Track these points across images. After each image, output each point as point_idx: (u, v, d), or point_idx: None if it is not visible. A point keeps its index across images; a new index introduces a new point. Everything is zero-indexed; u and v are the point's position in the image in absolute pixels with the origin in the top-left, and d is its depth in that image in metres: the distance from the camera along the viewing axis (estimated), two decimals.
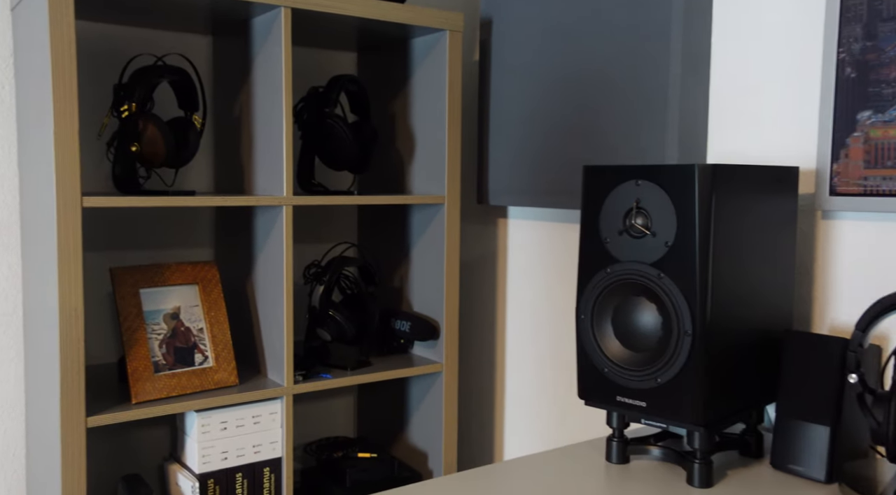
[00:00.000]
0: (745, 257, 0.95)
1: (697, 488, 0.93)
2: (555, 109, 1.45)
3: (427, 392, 1.57)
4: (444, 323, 1.51)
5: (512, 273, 1.66)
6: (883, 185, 1.00)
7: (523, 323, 1.64)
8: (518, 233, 1.64)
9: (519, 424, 1.66)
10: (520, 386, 1.65)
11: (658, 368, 0.92)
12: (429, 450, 1.56)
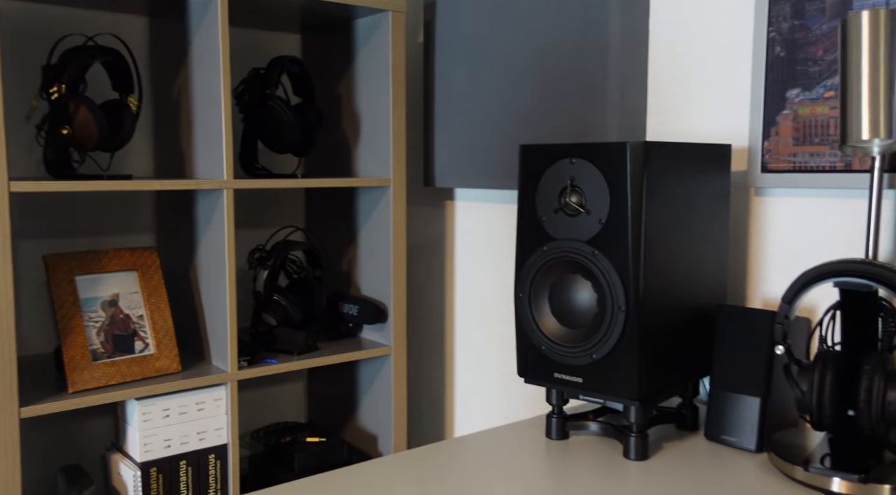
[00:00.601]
0: (679, 234, 0.97)
1: (633, 461, 0.95)
2: (499, 91, 1.44)
3: (376, 375, 1.56)
4: (392, 306, 1.51)
5: (460, 254, 1.66)
6: (811, 162, 1.02)
7: (472, 304, 1.64)
8: (465, 215, 1.64)
9: (469, 404, 1.67)
10: (469, 367, 1.66)
11: (593, 345, 0.93)
12: (379, 433, 1.56)
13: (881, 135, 0.73)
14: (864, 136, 0.74)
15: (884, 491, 0.81)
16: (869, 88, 0.72)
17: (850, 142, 0.76)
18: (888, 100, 0.72)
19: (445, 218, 1.70)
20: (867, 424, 0.83)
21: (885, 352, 0.87)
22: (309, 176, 1.53)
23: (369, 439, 1.59)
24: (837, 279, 0.85)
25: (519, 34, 1.39)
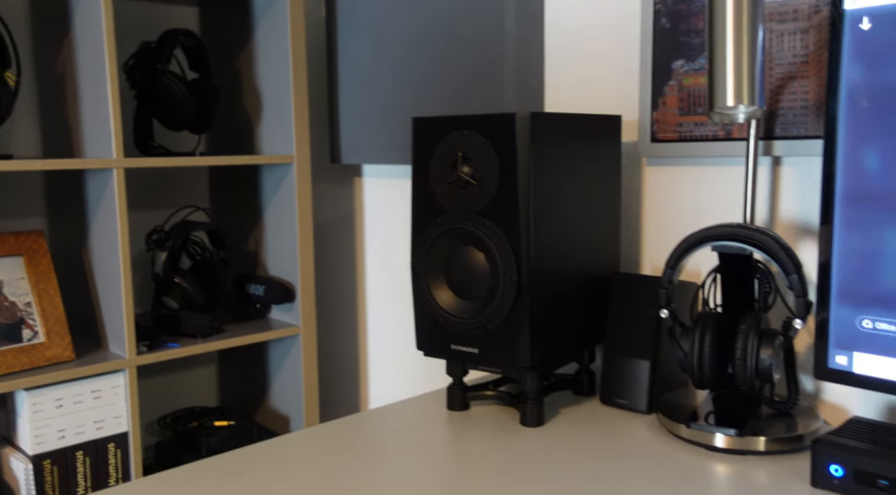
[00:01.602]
0: (570, 204, 0.98)
1: (530, 427, 0.97)
2: (401, 65, 1.43)
3: (286, 355, 1.54)
4: (300, 285, 1.49)
5: (369, 231, 1.65)
6: (696, 131, 1.05)
7: (382, 280, 1.63)
8: (373, 192, 1.63)
9: (383, 381, 1.67)
10: (382, 343, 1.65)
11: (487, 315, 0.94)
12: (291, 414, 1.55)
13: (745, 102, 0.75)
14: (730, 103, 0.76)
15: (759, 442, 0.86)
16: (733, 56, 0.75)
17: (716, 109, 0.79)
18: (751, 67, 0.74)
19: (354, 195, 1.68)
20: (743, 380, 0.86)
21: (761, 312, 0.91)
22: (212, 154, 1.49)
23: (281, 420, 1.57)
24: (714, 243, 0.88)
25: (419, 8, 1.37)
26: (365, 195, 1.65)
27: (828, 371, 0.80)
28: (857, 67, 0.74)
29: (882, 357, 0.76)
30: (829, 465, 0.76)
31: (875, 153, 0.74)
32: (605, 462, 0.85)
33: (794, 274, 0.83)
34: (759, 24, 0.76)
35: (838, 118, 0.76)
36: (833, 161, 0.77)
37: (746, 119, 0.83)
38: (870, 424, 0.80)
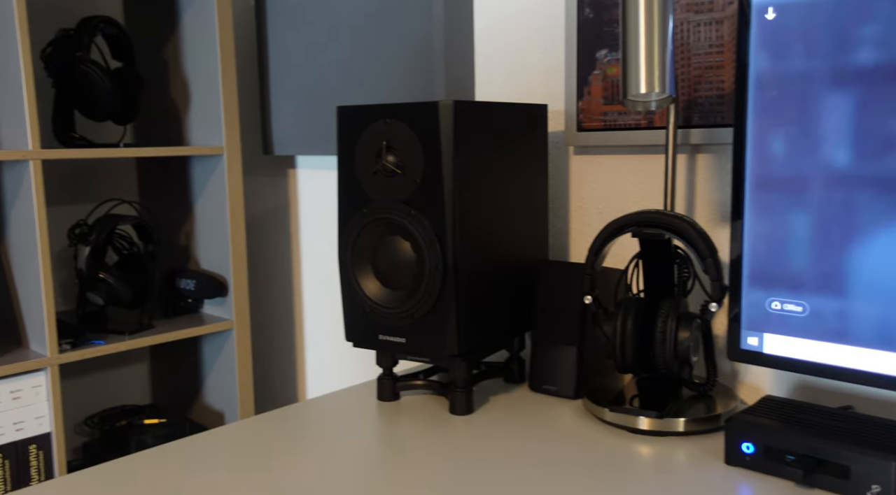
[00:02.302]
0: (497, 192, 0.99)
1: (459, 416, 0.97)
2: (332, 54, 1.41)
3: (220, 350, 1.52)
4: (232, 279, 1.46)
5: (305, 223, 1.63)
6: (619, 120, 1.07)
7: (318, 271, 1.62)
8: (308, 183, 1.61)
9: (322, 373, 1.65)
10: (319, 336, 1.64)
11: (414, 305, 0.94)
12: (226, 409, 1.52)
13: (656, 89, 0.77)
14: (642, 90, 0.78)
15: (679, 423, 0.88)
16: (645, 45, 0.76)
17: (629, 96, 0.80)
18: (662, 55, 0.76)
19: (288, 186, 1.66)
20: (662, 363, 0.89)
21: (680, 296, 0.93)
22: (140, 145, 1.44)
23: (216, 416, 1.55)
24: (633, 229, 0.90)
25: None
26: (299, 186, 1.63)
27: (740, 352, 0.83)
28: (763, 57, 0.76)
29: (789, 337, 0.79)
30: (741, 443, 0.78)
31: (780, 140, 0.76)
32: (531, 447, 0.86)
33: (709, 258, 0.86)
34: (670, 14, 0.77)
35: (747, 106, 0.78)
36: (743, 148, 0.79)
37: (659, 107, 0.84)
38: (781, 402, 0.83)
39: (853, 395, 0.92)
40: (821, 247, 0.75)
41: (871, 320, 0.73)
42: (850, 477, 0.71)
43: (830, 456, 0.72)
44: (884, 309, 0.72)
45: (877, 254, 0.72)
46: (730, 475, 0.78)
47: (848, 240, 0.73)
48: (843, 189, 0.73)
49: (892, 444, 0.71)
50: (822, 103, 0.73)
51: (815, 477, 0.73)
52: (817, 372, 0.77)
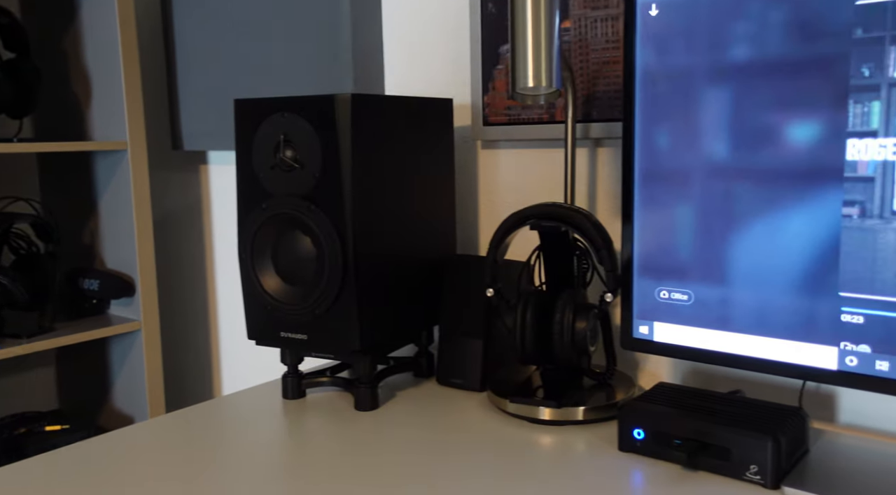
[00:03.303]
0: (400, 187, 0.99)
1: (364, 412, 0.96)
2: (240, 47, 1.38)
3: (128, 352, 1.47)
4: (140, 278, 1.42)
5: (217, 219, 1.59)
6: (523, 114, 1.08)
7: (233, 269, 1.58)
8: (220, 179, 1.57)
9: (239, 373, 1.62)
10: (235, 334, 1.61)
11: (315, 301, 0.93)
12: (135, 413, 1.47)
13: (543, 83, 0.78)
14: (529, 83, 0.79)
15: (578, 412, 0.89)
16: (532, 39, 0.77)
17: (518, 89, 0.81)
18: (549, 50, 0.77)
19: (200, 182, 1.61)
20: (561, 353, 0.90)
21: (579, 288, 0.95)
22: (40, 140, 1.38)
23: (125, 421, 1.50)
24: (533, 222, 0.91)
25: None
26: (211, 182, 1.59)
27: (632, 340, 0.85)
28: (648, 52, 0.78)
29: (677, 325, 0.81)
30: (632, 429, 0.80)
31: (665, 134, 0.78)
32: (434, 440, 0.86)
33: (603, 249, 0.87)
34: (556, 10, 0.78)
35: (634, 101, 0.80)
36: (631, 142, 0.81)
37: (547, 100, 0.85)
38: (673, 389, 0.86)
39: (743, 380, 0.95)
40: (703, 238, 0.77)
41: (749, 307, 0.76)
42: (731, 459, 0.74)
43: (713, 439, 0.75)
44: (760, 296, 0.75)
45: (753, 243, 0.74)
46: (622, 461, 0.80)
47: (727, 231, 0.76)
48: (722, 181, 0.75)
49: (770, 426, 0.74)
50: (702, 98, 0.75)
51: (699, 459, 0.76)
52: (702, 358, 0.80)
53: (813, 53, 0.68)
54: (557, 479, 0.76)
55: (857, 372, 0.70)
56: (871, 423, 0.87)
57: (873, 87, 0.66)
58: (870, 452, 0.77)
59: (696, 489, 0.73)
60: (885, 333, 0.68)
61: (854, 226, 0.68)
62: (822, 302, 0.71)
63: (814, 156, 0.69)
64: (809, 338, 0.72)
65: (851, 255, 0.69)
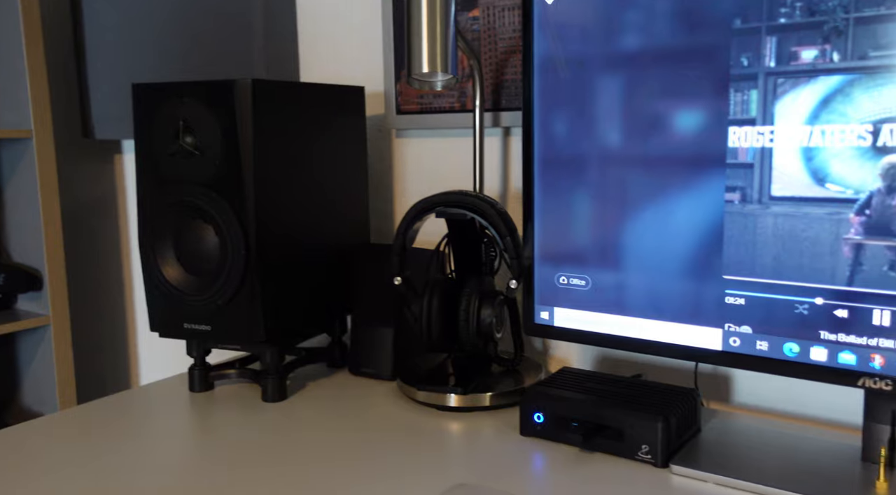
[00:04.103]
0: (309, 175, 0.97)
1: (271, 403, 0.95)
2: (152, 30, 1.34)
3: (37, 348, 1.41)
4: (48, 271, 1.36)
5: (132, 210, 1.55)
6: (435, 103, 1.08)
7: None
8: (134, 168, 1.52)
9: (157, 366, 1.58)
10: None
11: (217, 291, 0.91)
12: (45, 410, 1.42)
13: (438, 69, 0.78)
14: (424, 69, 0.78)
15: (485, 398, 0.90)
16: (427, 25, 0.77)
17: (413, 75, 0.81)
18: (444, 36, 0.77)
19: (115, 172, 1.56)
20: (467, 340, 0.90)
21: (486, 275, 0.96)
22: None
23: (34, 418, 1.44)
24: (439, 210, 0.91)
25: None
26: (126, 172, 1.54)
27: (534, 326, 0.86)
28: (545, 40, 0.79)
29: (575, 310, 0.82)
30: (533, 414, 0.81)
31: (563, 122, 0.79)
32: (342, 429, 0.86)
33: (507, 237, 0.88)
34: None
35: (533, 89, 0.81)
36: (531, 130, 0.82)
37: (444, 87, 0.86)
38: (576, 374, 0.87)
39: (647, 364, 0.98)
40: (599, 224, 0.79)
41: (642, 291, 0.77)
42: (624, 439, 0.75)
43: (608, 421, 0.76)
44: (652, 280, 0.76)
45: (645, 229, 0.76)
46: (523, 445, 0.80)
47: (621, 217, 0.77)
48: (616, 168, 0.77)
49: (661, 407, 0.76)
50: (595, 86, 0.77)
51: (595, 441, 0.77)
52: (599, 342, 0.81)
53: (697, 43, 0.70)
54: (459, 465, 0.76)
55: (739, 353, 0.72)
56: (764, 403, 0.90)
57: (751, 76, 0.68)
58: (759, 431, 0.80)
59: (591, 469, 0.74)
60: (765, 314, 0.70)
61: (736, 211, 0.70)
62: (708, 285, 0.73)
63: (699, 143, 0.71)
64: (697, 320, 0.74)
65: (734, 240, 0.71)
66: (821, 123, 0.65)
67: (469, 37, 1.02)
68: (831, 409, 0.85)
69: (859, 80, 0.63)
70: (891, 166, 0.62)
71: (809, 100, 0.65)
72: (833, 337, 0.67)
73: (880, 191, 0.63)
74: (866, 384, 0.66)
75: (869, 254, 0.64)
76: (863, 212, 0.64)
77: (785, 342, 0.70)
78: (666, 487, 0.70)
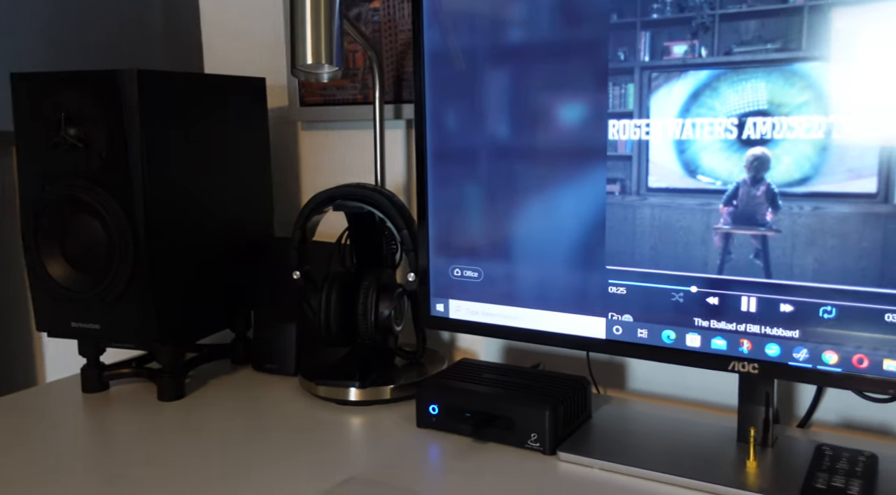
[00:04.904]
0: (206, 168, 0.95)
1: (167, 402, 0.93)
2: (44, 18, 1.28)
3: None
4: None
5: None
6: (338, 94, 1.07)
7: None
8: None
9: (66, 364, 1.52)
10: None
11: (105, 288, 0.88)
12: None
13: (323, 60, 0.77)
14: (308, 60, 0.78)
15: (386, 391, 0.90)
16: (311, 16, 0.76)
17: (297, 66, 0.80)
18: (329, 28, 0.76)
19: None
20: (365, 334, 0.90)
21: (386, 269, 0.95)
22: None
23: None
24: (337, 203, 0.90)
25: None
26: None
27: (430, 318, 0.86)
28: (434, 33, 0.79)
29: (469, 302, 0.83)
30: (428, 405, 0.82)
31: (453, 114, 0.79)
32: (241, 427, 0.84)
33: (404, 229, 0.88)
34: None
35: (424, 82, 0.81)
36: (423, 122, 0.82)
37: (331, 78, 0.85)
38: (473, 365, 0.88)
39: (547, 354, 0.99)
40: (489, 216, 0.79)
41: (531, 282, 0.78)
42: (515, 428, 0.76)
43: (499, 411, 0.77)
44: (541, 271, 0.77)
45: (533, 221, 0.77)
46: (419, 437, 0.81)
47: (510, 209, 0.78)
48: (504, 161, 0.77)
49: (549, 396, 0.77)
50: (484, 79, 0.77)
51: (487, 431, 0.78)
52: (491, 333, 0.82)
53: (577, 37, 0.71)
54: (353, 459, 0.76)
55: (622, 341, 0.74)
56: (657, 389, 0.93)
57: (628, 70, 0.69)
58: (648, 416, 0.82)
59: (482, 459, 0.75)
60: (645, 303, 0.72)
61: (616, 202, 0.72)
62: (592, 275, 0.74)
63: (582, 136, 0.73)
64: (583, 309, 0.76)
65: (615, 230, 0.72)
66: (691, 117, 0.67)
67: (370, 28, 1.01)
68: (717, 393, 0.88)
69: (725, 75, 0.65)
70: (755, 158, 0.65)
71: (681, 94, 0.67)
72: (706, 323, 0.69)
73: (746, 182, 0.65)
74: (736, 367, 0.68)
75: (737, 243, 0.67)
76: (731, 203, 0.66)
77: (663, 329, 0.72)
78: (552, 474, 0.72)
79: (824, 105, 0.61)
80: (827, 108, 0.61)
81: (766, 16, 0.62)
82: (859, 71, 0.60)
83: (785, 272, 0.65)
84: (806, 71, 0.62)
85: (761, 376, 0.68)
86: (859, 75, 0.60)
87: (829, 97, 0.61)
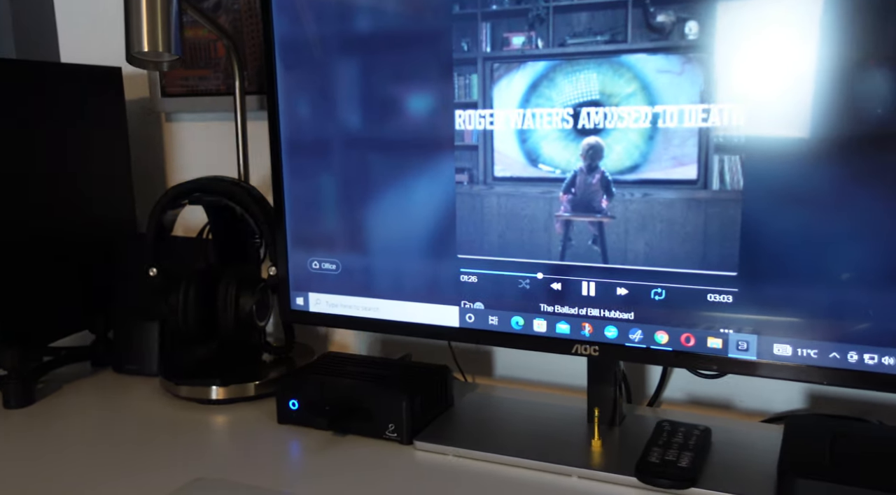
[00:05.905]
0: (55, 161, 0.90)
1: (14, 409, 0.88)
2: None
3: None
4: None
5: None
6: (200, 85, 1.03)
7: None
8: None
9: None
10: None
11: None
12: None
13: (160, 48, 0.75)
14: (144, 48, 0.75)
15: (250, 388, 0.88)
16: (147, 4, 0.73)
17: (133, 53, 0.77)
18: (166, 15, 0.74)
19: None
20: (227, 330, 0.88)
21: (249, 264, 0.93)
22: None
23: None
24: (194, 197, 0.87)
25: None
26: None
27: (291, 312, 0.85)
28: (283, 22, 0.77)
29: (328, 295, 0.82)
30: (288, 401, 0.80)
31: (306, 105, 0.78)
32: (96, 432, 0.80)
33: (264, 223, 0.86)
34: None
35: (276, 72, 0.79)
36: (276, 113, 0.80)
37: (171, 68, 0.82)
38: (337, 358, 0.87)
39: (416, 345, 1.00)
40: (344, 208, 0.79)
41: (387, 273, 0.78)
42: (373, 420, 0.76)
43: (358, 403, 0.77)
44: (396, 262, 0.78)
45: (386, 212, 0.77)
46: (279, 433, 0.79)
47: (364, 200, 0.78)
48: (357, 152, 0.77)
49: (407, 386, 0.77)
50: (334, 69, 0.76)
51: (347, 423, 0.77)
52: (351, 325, 0.82)
53: (422, 28, 0.71)
54: (209, 459, 0.74)
55: (475, 328, 0.75)
56: (520, 374, 0.95)
57: (471, 60, 0.70)
58: (508, 402, 0.84)
59: (340, 452, 0.74)
60: (495, 290, 0.73)
61: (465, 192, 0.73)
62: (445, 264, 0.75)
63: (431, 126, 0.73)
64: (437, 299, 0.76)
65: (465, 219, 0.73)
66: (531, 107, 0.68)
67: (230, 16, 0.99)
68: (577, 376, 0.91)
69: (560, 66, 0.67)
70: (589, 147, 0.67)
71: (521, 84, 0.68)
72: (551, 309, 0.71)
73: (582, 170, 0.67)
74: (579, 351, 0.71)
75: (576, 230, 0.69)
76: (569, 191, 0.68)
77: (512, 316, 0.73)
78: (409, 463, 0.72)
79: (650, 95, 0.64)
80: (653, 99, 0.64)
81: (595, 8, 0.64)
82: (680, 62, 0.62)
83: (620, 257, 0.67)
84: (631, 62, 0.64)
85: (602, 358, 0.70)
86: (680, 66, 0.62)
87: (654, 88, 0.64)
